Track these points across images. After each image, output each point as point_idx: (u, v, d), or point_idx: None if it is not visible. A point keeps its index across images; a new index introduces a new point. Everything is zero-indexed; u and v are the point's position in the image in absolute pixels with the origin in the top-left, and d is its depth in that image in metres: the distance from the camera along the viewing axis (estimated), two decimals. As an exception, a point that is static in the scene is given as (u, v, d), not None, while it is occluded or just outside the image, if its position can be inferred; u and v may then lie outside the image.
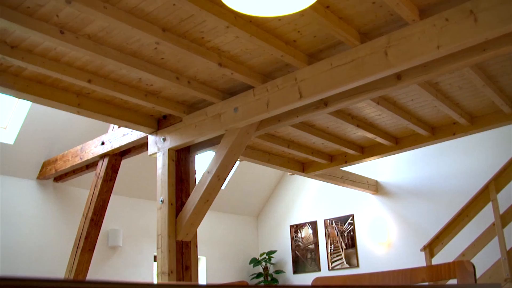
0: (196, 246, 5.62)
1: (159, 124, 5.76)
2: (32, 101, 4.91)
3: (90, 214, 6.82)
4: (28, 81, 4.65)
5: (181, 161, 5.74)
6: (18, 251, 7.41)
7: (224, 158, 5.16)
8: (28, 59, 4.15)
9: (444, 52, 3.68)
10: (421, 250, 7.72)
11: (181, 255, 5.42)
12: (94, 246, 6.93)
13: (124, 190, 8.66)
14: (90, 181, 7.30)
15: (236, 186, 10.42)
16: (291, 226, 10.97)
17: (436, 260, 7.58)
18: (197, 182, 5.46)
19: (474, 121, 6.10)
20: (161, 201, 5.45)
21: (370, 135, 6.37)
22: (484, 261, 7.45)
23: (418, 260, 8.55)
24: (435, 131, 6.44)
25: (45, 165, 7.64)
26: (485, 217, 7.45)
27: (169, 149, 5.56)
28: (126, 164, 7.18)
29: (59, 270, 7.48)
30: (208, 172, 5.23)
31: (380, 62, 3.94)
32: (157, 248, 5.36)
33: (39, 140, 7.41)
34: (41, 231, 7.74)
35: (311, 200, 10.71)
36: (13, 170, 7.48)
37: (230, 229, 10.93)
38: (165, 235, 5.32)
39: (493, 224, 7.12)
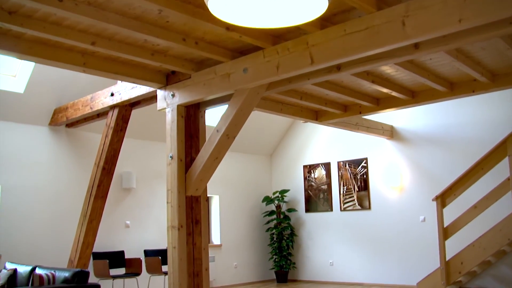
0: (206, 200, 5.64)
1: (168, 79, 5.62)
2: (35, 62, 4.79)
3: (101, 163, 6.86)
4: (30, 42, 4.49)
5: (190, 116, 5.64)
6: (34, 195, 7.56)
7: (233, 118, 5.06)
8: (27, 25, 3.98)
9: (466, 26, 3.42)
10: (432, 200, 7.70)
11: (191, 210, 5.46)
12: (107, 193, 7.03)
13: (136, 133, 8.65)
14: (102, 126, 7.28)
15: (250, 126, 10.28)
16: (305, 166, 10.98)
17: (447, 211, 7.58)
18: (207, 137, 5.41)
19: (496, 79, 5.83)
20: (171, 157, 5.42)
21: (385, 90, 6.16)
22: (495, 214, 7.43)
23: (429, 208, 8.56)
24: (453, 87, 6.19)
25: (56, 112, 7.60)
26: (500, 172, 7.34)
27: (178, 105, 5.45)
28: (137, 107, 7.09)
29: (73, 214, 7.65)
30: (218, 131, 5.15)
31: (396, 32, 3.69)
32: (167, 202, 5.39)
33: (49, 88, 7.32)
34: (55, 175, 7.84)
35: (325, 141, 10.63)
36: (24, 118, 7.47)
37: (243, 168, 10.98)
38: (174, 190, 5.34)
39: (508, 179, 7.02)
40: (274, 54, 4.54)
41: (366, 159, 9.94)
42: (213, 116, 8.27)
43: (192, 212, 5.43)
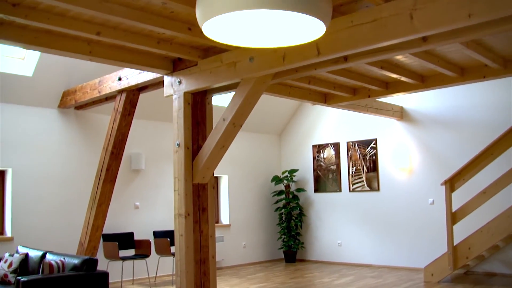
0: (213, 188, 5.67)
1: (175, 65, 5.59)
2: (41, 52, 4.77)
3: (110, 148, 6.89)
4: (36, 32, 4.47)
5: (197, 103, 5.62)
6: (45, 178, 7.63)
7: (239, 107, 5.04)
8: (31, 17, 3.96)
9: (476, 21, 3.33)
10: (441, 184, 7.68)
11: (198, 198, 5.48)
12: (115, 177, 7.08)
13: (145, 113, 8.65)
14: (111, 108, 7.29)
15: (259, 105, 10.13)
16: (314, 146, 10.96)
17: (456, 195, 7.56)
18: (214, 124, 5.40)
19: (508, 65, 5.72)
20: (178, 144, 5.43)
21: (394, 75, 6.08)
22: (504, 200, 7.40)
23: (438, 191, 8.53)
24: (464, 72, 6.09)
25: (65, 95, 7.62)
26: (509, 157, 7.28)
27: (184, 93, 5.44)
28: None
29: (84, 196, 7.73)
30: (224, 120, 5.14)
31: (404, 25, 3.61)
32: (174, 190, 5.42)
33: (57, 71, 7.32)
34: (65, 157, 7.90)
35: (335, 121, 10.58)
36: (34, 101, 7.50)
37: (252, 147, 10.99)
38: (181, 178, 5.36)
39: (518, 164, 6.96)
40: (281, 44, 4.47)
41: (376, 140, 9.89)
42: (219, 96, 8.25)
43: (199, 200, 5.46)
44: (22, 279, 4.56)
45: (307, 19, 1.98)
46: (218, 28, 2.07)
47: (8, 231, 7.25)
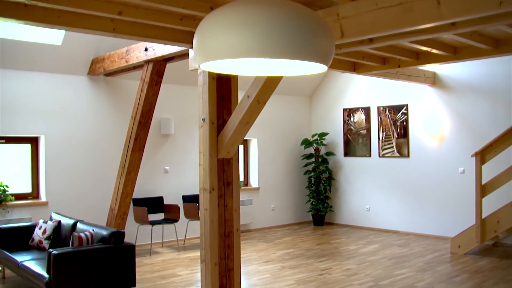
0: (238, 162, 5.71)
1: (199, 39, 5.54)
2: (65, 30, 4.79)
3: (138, 117, 6.98)
4: (59, 12, 4.48)
5: (222, 77, 5.60)
6: (76, 144, 7.82)
7: (264, 83, 4.99)
8: (53, 0, 3.96)
9: (507, 9, 3.17)
10: (472, 156, 7.53)
11: (223, 172, 5.53)
12: (144, 146, 7.20)
13: (174, 78, 8.67)
14: (140, 74, 7.34)
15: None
16: (344, 110, 10.84)
17: (486, 168, 7.42)
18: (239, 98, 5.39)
19: (545, 39, 5.47)
20: (203, 119, 5.45)
21: (424, 48, 5.89)
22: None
23: (469, 160, 8.36)
24: (499, 45, 5.85)
25: (94, 62, 7.69)
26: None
27: (209, 67, 5.41)
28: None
29: (114, 161, 7.93)
30: (248, 96, 5.11)
31: (431, 11, 3.47)
32: (199, 165, 5.49)
33: (85, 39, 7.36)
34: (96, 123, 8.06)
35: (366, 85, 10.39)
36: (64, 68, 7.61)
37: (283, 109, 10.94)
38: (206, 153, 5.40)
39: (553, 138, 6.74)
40: (304, 23, 4.37)
41: (407, 105, 9.70)
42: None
43: (223, 175, 5.51)
44: (54, 252, 4.76)
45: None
46: (217, 62, 2.05)
47: (43, 196, 7.53)
